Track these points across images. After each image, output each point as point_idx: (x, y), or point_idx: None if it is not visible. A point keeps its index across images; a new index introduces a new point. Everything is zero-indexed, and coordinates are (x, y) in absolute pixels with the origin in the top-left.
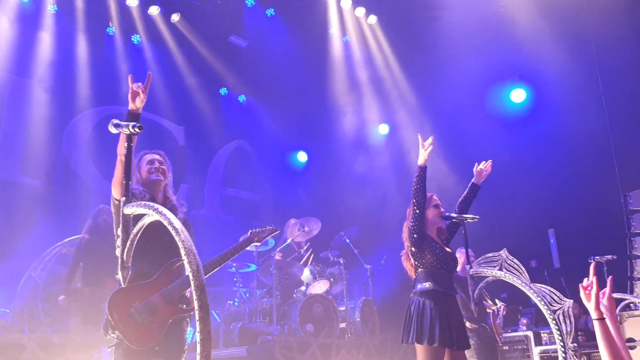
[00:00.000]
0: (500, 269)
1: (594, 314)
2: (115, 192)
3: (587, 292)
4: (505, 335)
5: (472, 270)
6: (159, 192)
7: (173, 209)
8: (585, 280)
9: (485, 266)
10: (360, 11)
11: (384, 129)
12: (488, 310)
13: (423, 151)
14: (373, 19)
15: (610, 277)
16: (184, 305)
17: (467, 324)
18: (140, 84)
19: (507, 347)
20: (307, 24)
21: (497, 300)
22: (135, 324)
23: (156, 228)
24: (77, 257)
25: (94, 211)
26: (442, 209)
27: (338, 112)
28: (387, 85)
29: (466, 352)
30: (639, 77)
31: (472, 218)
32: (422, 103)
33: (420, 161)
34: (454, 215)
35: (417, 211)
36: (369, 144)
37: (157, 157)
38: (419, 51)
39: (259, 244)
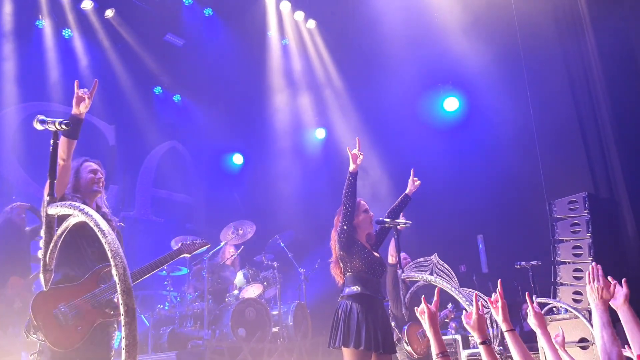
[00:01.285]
0: (431, 274)
1: (503, 326)
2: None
3: (494, 306)
4: None
5: (403, 274)
6: (92, 202)
7: (104, 217)
8: (493, 295)
9: (417, 270)
10: (299, 15)
11: (320, 133)
12: None
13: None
14: (312, 23)
15: (527, 292)
16: (111, 311)
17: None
18: (86, 89)
19: None
20: (245, 26)
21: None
22: (58, 326)
23: (88, 232)
24: None
25: (5, 210)
26: (372, 214)
27: (275, 115)
28: (324, 89)
29: (399, 356)
30: (564, 87)
31: (405, 223)
32: (359, 109)
33: (352, 167)
34: (387, 219)
35: (347, 216)
36: (305, 148)
37: (99, 167)
38: (356, 57)
39: (188, 255)
